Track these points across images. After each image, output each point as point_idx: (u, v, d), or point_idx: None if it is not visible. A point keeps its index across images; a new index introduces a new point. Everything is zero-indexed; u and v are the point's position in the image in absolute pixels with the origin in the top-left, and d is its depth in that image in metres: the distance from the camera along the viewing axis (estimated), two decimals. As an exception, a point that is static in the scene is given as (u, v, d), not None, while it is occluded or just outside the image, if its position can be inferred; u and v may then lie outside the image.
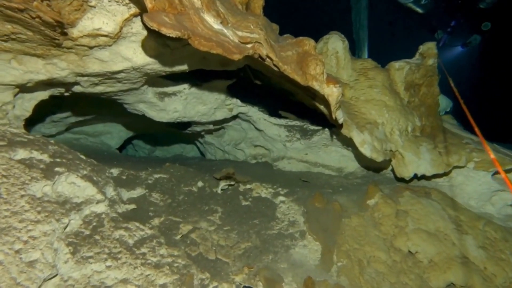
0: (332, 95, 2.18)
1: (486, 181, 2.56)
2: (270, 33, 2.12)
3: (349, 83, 2.89)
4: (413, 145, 2.73)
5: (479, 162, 2.57)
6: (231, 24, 1.93)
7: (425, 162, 2.67)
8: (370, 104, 2.77)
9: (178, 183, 2.64)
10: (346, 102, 2.85)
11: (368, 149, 2.62)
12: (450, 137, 2.81)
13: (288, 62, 2.07)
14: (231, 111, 3.22)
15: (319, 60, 2.12)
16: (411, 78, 2.88)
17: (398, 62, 2.89)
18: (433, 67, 2.88)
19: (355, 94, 2.85)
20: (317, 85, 2.15)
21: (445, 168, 2.61)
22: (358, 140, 2.63)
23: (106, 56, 1.86)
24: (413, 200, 2.55)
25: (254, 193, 2.84)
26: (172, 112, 2.82)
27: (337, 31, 3.01)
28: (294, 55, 2.11)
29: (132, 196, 2.30)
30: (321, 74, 2.14)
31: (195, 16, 1.74)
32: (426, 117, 2.90)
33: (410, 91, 2.90)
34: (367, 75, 2.85)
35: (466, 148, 2.65)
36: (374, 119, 2.75)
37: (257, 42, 1.96)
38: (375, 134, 2.68)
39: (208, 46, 1.72)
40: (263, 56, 2.01)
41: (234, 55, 1.85)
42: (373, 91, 2.79)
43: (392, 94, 2.80)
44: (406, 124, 2.78)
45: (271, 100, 3.34)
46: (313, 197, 2.70)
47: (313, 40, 2.15)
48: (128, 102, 2.62)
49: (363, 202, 2.68)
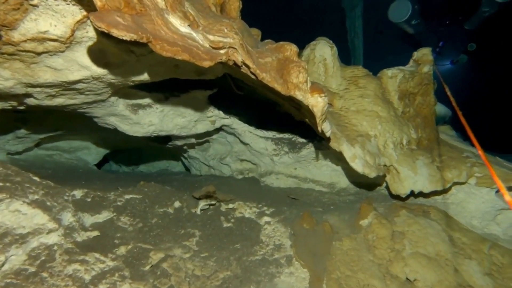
0: (317, 105, 1.96)
1: (490, 198, 2.34)
2: (247, 38, 1.92)
3: (339, 92, 2.68)
4: (408, 159, 2.52)
5: (482, 178, 2.35)
6: (202, 27, 1.73)
7: (422, 178, 2.45)
8: (361, 115, 2.57)
9: (152, 204, 2.39)
10: (336, 113, 2.64)
11: (359, 164, 2.39)
12: (449, 150, 2.60)
13: (267, 70, 1.86)
14: (213, 124, 3.00)
15: (301, 67, 1.91)
16: (405, 86, 2.68)
17: (391, 70, 2.70)
18: (428, 74, 2.69)
19: (345, 104, 2.64)
20: (300, 94, 1.94)
21: (444, 185, 2.39)
22: (348, 154, 2.41)
23: (59, 63, 1.65)
24: (410, 220, 2.32)
25: (237, 213, 2.59)
26: (147, 125, 2.59)
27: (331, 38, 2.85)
28: (274, 62, 1.90)
29: (97, 221, 2.05)
30: (304, 82, 1.93)
31: (158, 17, 1.53)
32: (423, 128, 2.69)
33: (404, 101, 2.70)
34: (357, 84, 2.65)
35: (467, 162, 2.43)
36: (366, 131, 2.53)
37: (231, 47, 1.75)
38: (367, 147, 2.47)
39: (172, 52, 1.51)
40: (239, 63, 1.80)
41: (204, 62, 1.64)
42: (365, 100, 2.59)
43: (385, 104, 2.60)
44: (400, 136, 2.57)
45: (256, 111, 3.13)
46: (301, 218, 2.46)
47: (295, 45, 1.95)
48: (97, 116, 2.39)
49: (356, 223, 2.44)
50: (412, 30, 6.60)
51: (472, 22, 6.18)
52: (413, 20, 6.21)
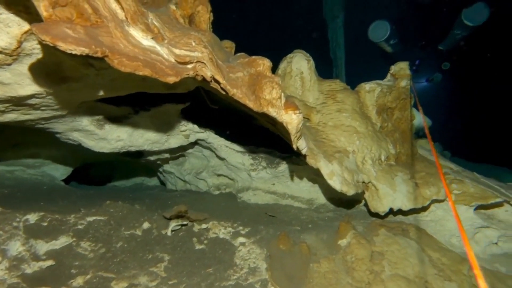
0: (292, 122, 1.87)
1: (469, 216, 2.30)
2: (217, 52, 1.82)
3: (316, 107, 2.61)
4: (387, 175, 2.45)
5: (460, 195, 2.31)
6: (168, 40, 1.61)
7: (401, 195, 2.39)
8: (339, 130, 2.50)
9: (118, 226, 2.22)
10: (313, 128, 2.56)
11: (337, 182, 2.31)
12: (427, 166, 2.56)
13: (238, 85, 1.76)
14: (187, 138, 2.87)
15: (275, 83, 1.82)
16: (383, 101, 2.64)
17: (368, 84, 2.65)
18: (406, 89, 2.66)
19: (322, 118, 2.57)
20: (273, 111, 1.84)
21: (423, 202, 2.34)
22: (326, 171, 2.32)
23: (6, 77, 1.49)
24: (390, 239, 2.24)
25: (210, 234, 2.45)
26: (115, 141, 2.43)
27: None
28: (245, 77, 1.81)
29: (53, 248, 1.87)
30: (278, 98, 1.83)
31: (117, 29, 1.40)
32: (401, 143, 2.64)
33: (382, 116, 2.65)
34: (335, 98, 2.59)
35: (445, 179, 2.38)
36: (344, 147, 2.46)
37: (199, 61, 1.64)
38: (345, 164, 2.39)
39: (132, 67, 1.39)
40: (208, 78, 1.69)
41: (169, 78, 1.52)
42: (342, 115, 2.53)
43: (363, 119, 2.54)
44: (379, 152, 2.51)
45: (233, 125, 3.02)
46: (278, 238, 2.34)
47: (268, 60, 1.86)
48: (59, 131, 2.22)
49: (334, 242, 2.34)
50: (390, 49, 7.03)
51: (446, 43, 6.70)
52: (392, 40, 6.69)
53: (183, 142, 2.89)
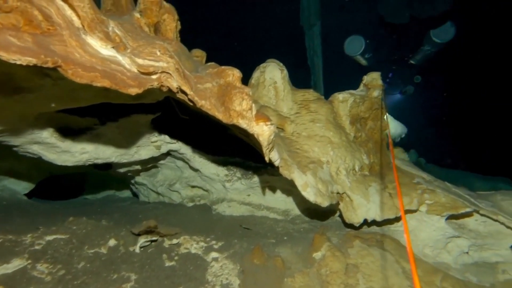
0: (263, 134, 1.82)
1: (441, 226, 2.31)
2: (185, 61, 1.75)
3: (290, 117, 2.58)
4: (361, 186, 2.44)
5: (432, 205, 2.32)
6: (131, 49, 1.53)
7: (375, 206, 2.38)
8: (313, 140, 2.47)
9: (80, 244, 2.09)
10: (287, 138, 2.53)
11: (311, 193, 2.27)
12: (400, 176, 2.57)
13: (206, 97, 1.69)
14: (159, 149, 2.77)
15: (245, 94, 1.77)
16: (356, 111, 2.65)
17: (342, 94, 2.65)
18: (378, 99, 2.67)
19: (296, 129, 2.54)
20: (244, 123, 1.79)
21: (396, 213, 2.33)
22: (300, 182, 2.28)
23: (-51, 89, 1.36)
24: (364, 251, 2.22)
25: (182, 249, 2.35)
26: (79, 153, 2.31)
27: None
28: (214, 88, 1.75)
29: (4, 272, 1.72)
30: (249, 110, 1.78)
31: (72, 38, 1.31)
32: (374, 153, 2.65)
33: (356, 125, 2.65)
34: (309, 108, 2.57)
35: (418, 189, 2.40)
36: (318, 157, 2.43)
37: (164, 72, 1.57)
38: (320, 175, 2.36)
39: (89, 78, 1.30)
40: (174, 89, 1.62)
41: (130, 89, 1.44)
42: (316, 125, 2.50)
43: (337, 129, 2.53)
44: (353, 162, 2.50)
45: (206, 135, 2.94)
46: (251, 252, 2.27)
47: (237, 70, 1.81)
48: (15, 144, 2.07)
49: (309, 255, 2.30)
50: (366, 62, 7.44)
51: (417, 58, 7.19)
52: (366, 54, 7.10)
53: (154, 153, 2.78)
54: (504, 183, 6.84)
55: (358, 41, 6.85)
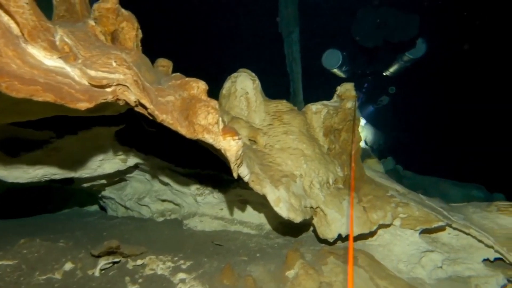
0: (230, 149, 1.73)
1: (414, 240, 2.28)
2: (145, 73, 1.63)
3: (263, 128, 2.50)
4: (335, 199, 2.38)
5: (406, 219, 2.29)
6: (83, 60, 1.40)
7: (349, 220, 2.32)
8: (286, 153, 2.39)
9: (31, 270, 1.90)
10: (260, 151, 2.44)
11: (284, 208, 2.19)
12: (375, 188, 2.53)
13: (168, 111, 1.58)
14: (125, 162, 2.61)
15: (211, 107, 1.67)
16: (330, 122, 2.60)
17: (315, 105, 2.60)
18: (352, 110, 2.64)
19: (269, 141, 2.46)
20: (210, 138, 1.68)
21: (370, 227, 2.28)
22: (272, 197, 2.19)
23: None
24: (338, 268, 2.15)
25: (147, 271, 2.20)
26: (33, 169, 2.13)
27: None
28: (177, 101, 1.64)
29: None
30: (215, 124, 1.68)
31: (9, 47, 1.18)
32: (349, 166, 2.60)
33: (329, 137, 2.60)
34: (281, 120, 2.49)
35: (392, 202, 2.36)
36: (291, 171, 2.36)
37: (120, 84, 1.45)
38: (293, 189, 2.28)
39: (27, 92, 1.17)
40: (131, 103, 1.50)
41: (80, 104, 1.31)
42: (289, 138, 2.43)
43: (310, 141, 2.47)
44: (327, 175, 2.44)
45: (177, 146, 2.81)
46: (221, 272, 2.16)
47: (203, 82, 1.71)
48: (-42, 160, 1.88)
49: (282, 274, 2.20)
50: (343, 74, 7.88)
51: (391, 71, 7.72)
52: (344, 67, 7.52)
53: (120, 166, 2.62)
54: (477, 189, 7.00)
55: (335, 55, 7.21)
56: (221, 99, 2.60)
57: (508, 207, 2.33)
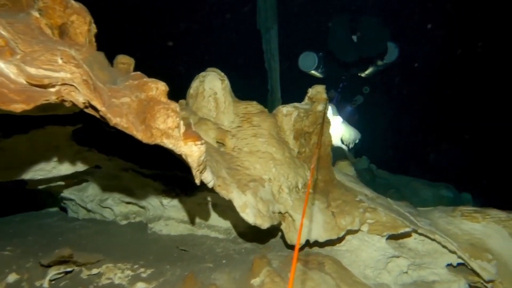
0: (192, 155, 1.62)
1: (381, 246, 2.28)
2: (98, 72, 1.50)
3: (231, 130, 2.41)
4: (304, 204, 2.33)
5: (373, 225, 2.28)
6: (22, 56, 1.26)
7: (317, 226, 2.28)
8: (255, 156, 2.32)
9: (-31, 284, 1.73)
10: (228, 154, 2.35)
11: (251, 214, 2.12)
12: (344, 193, 2.50)
13: (122, 113, 1.46)
14: (84, 163, 2.45)
15: (171, 110, 1.56)
16: (300, 125, 2.54)
17: (286, 107, 2.54)
18: (323, 113, 2.59)
19: (238, 144, 2.37)
20: (169, 142, 1.58)
21: (338, 233, 2.26)
22: (239, 203, 2.12)
23: None
24: (304, 275, 2.11)
25: (103, 280, 2.07)
26: (-24, 171, 1.93)
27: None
28: (133, 103, 1.51)
29: None
30: (175, 128, 1.58)
31: None
32: (319, 169, 2.56)
33: (300, 140, 2.55)
34: (251, 122, 2.41)
35: (360, 207, 2.35)
36: (260, 175, 2.29)
37: (67, 84, 1.31)
38: (260, 194, 2.21)
39: None
40: (79, 104, 1.37)
41: (14, 105, 1.17)
42: (258, 140, 2.36)
43: (280, 145, 2.40)
44: (296, 179, 2.39)
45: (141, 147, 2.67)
46: (183, 281, 2.06)
47: (163, 83, 1.59)
48: None
49: (247, 282, 2.13)
50: (320, 75, 8.11)
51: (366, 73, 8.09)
52: (320, 69, 7.80)
53: (78, 168, 2.46)
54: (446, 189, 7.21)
55: (311, 57, 7.38)
56: (188, 98, 2.48)
57: (471, 213, 2.37)
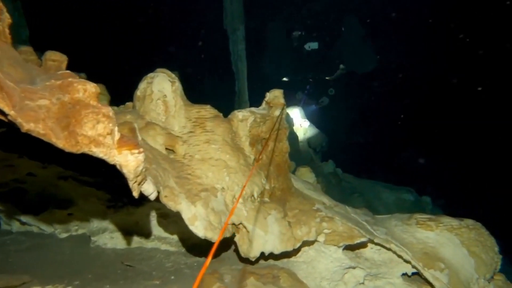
0: (127, 165, 1.44)
1: (338, 257, 2.21)
2: (10, 68, 1.28)
3: (182, 136, 2.24)
4: (259, 215, 2.21)
5: (330, 235, 2.21)
6: None
7: (273, 237, 2.17)
8: (207, 164, 2.17)
9: None
10: (178, 161, 2.18)
11: (201, 227, 1.96)
12: (302, 202, 2.42)
13: (38, 118, 1.25)
14: (13, 172, 2.17)
15: (102, 115, 1.37)
16: (257, 131, 2.43)
17: (241, 112, 2.41)
18: (280, 118, 2.49)
19: (189, 150, 2.21)
20: (100, 151, 1.38)
21: (294, 244, 2.16)
22: (187, 215, 1.96)
23: None
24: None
25: (28, 306, 1.82)
26: None
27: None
28: (54, 106, 1.31)
29: None
30: (107, 135, 1.39)
31: None
32: (276, 177, 2.46)
33: (256, 147, 2.43)
34: (204, 127, 2.26)
35: (317, 217, 2.26)
36: (212, 184, 2.14)
37: (-37, 82, 1.09)
38: (212, 204, 2.06)
39: None
40: (-20, 107, 1.15)
41: None
42: (211, 147, 2.21)
43: (235, 151, 2.27)
44: (251, 188, 2.26)
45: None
46: (123, 303, 1.86)
47: (93, 84, 1.40)
48: None
49: (196, 301, 1.97)
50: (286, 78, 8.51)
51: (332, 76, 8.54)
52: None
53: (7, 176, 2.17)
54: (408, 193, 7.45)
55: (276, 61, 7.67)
56: (135, 101, 2.28)
57: (426, 221, 2.37)
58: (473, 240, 2.27)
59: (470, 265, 2.20)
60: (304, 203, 2.42)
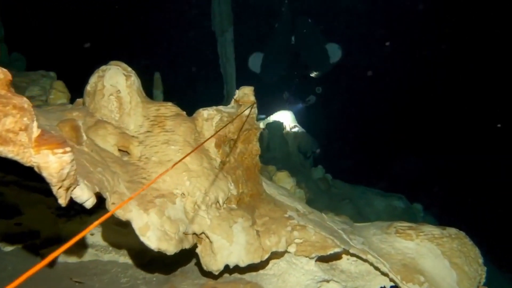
0: (48, 168, 1.22)
1: (310, 269, 2.00)
2: None
3: (138, 136, 2.01)
4: (224, 223, 1.99)
5: (301, 245, 2.00)
6: None
7: (238, 248, 1.95)
8: (165, 167, 1.94)
9: None
10: (132, 164, 1.95)
11: (153, 238, 1.74)
12: (273, 208, 2.20)
13: None
14: None
15: (12, 107, 1.15)
16: (224, 131, 2.21)
17: (207, 110, 2.20)
18: (250, 118, 2.29)
19: (145, 152, 1.98)
20: (10, 151, 1.16)
21: (262, 256, 1.94)
22: (138, 224, 1.73)
23: None
24: (218, 311, 1.75)
25: None
26: None
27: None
28: (-52, 95, 1.08)
29: None
30: (20, 131, 1.16)
31: None
32: (244, 182, 2.24)
33: (223, 148, 2.21)
34: (164, 126, 2.04)
35: (288, 225, 2.05)
36: (170, 189, 1.92)
37: None
38: (169, 212, 1.84)
39: None
40: None
41: None
42: (171, 148, 1.99)
43: (198, 153, 2.05)
44: (216, 194, 2.04)
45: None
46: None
47: (4, 70, 1.18)
48: None
49: (148, 322, 1.74)
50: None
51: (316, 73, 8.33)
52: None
53: None
54: (398, 200, 7.27)
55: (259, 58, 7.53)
56: (85, 97, 2.05)
57: (405, 229, 2.18)
58: (455, 251, 2.08)
59: (452, 278, 2.00)
60: (275, 210, 2.20)
